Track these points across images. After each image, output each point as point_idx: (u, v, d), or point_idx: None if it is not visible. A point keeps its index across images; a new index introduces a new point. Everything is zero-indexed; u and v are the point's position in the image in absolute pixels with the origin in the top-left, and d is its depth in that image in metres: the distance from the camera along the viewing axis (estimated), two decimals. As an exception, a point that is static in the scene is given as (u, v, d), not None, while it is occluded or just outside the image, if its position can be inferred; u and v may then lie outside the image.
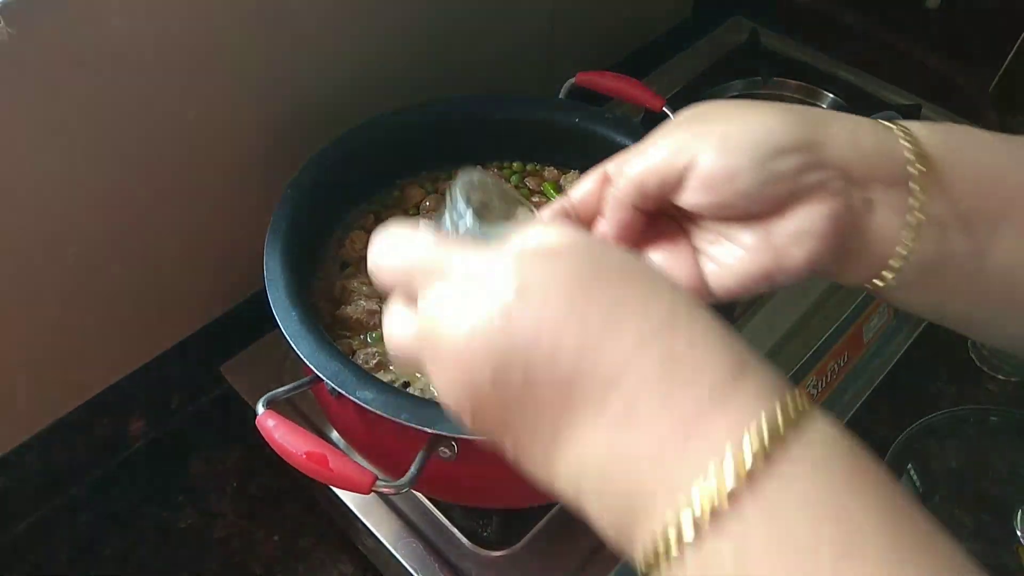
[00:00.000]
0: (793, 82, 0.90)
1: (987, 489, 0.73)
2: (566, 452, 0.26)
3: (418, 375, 0.52)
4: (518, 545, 0.57)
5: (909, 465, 0.73)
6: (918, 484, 0.73)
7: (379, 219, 0.62)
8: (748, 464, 0.22)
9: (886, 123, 0.36)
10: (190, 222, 0.65)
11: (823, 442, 0.24)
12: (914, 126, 0.36)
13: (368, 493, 0.42)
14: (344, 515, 0.61)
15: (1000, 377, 0.79)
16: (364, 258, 0.59)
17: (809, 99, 0.89)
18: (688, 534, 0.23)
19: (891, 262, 0.35)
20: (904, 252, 0.34)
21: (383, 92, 0.70)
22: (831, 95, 0.88)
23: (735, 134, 0.34)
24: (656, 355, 0.25)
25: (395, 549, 0.57)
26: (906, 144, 0.35)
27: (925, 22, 1.19)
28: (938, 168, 0.35)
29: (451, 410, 0.29)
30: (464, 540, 0.57)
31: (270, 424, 0.44)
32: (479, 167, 0.35)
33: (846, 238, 0.35)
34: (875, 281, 0.36)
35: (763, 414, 0.23)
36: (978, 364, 0.80)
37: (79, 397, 0.66)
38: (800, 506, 0.23)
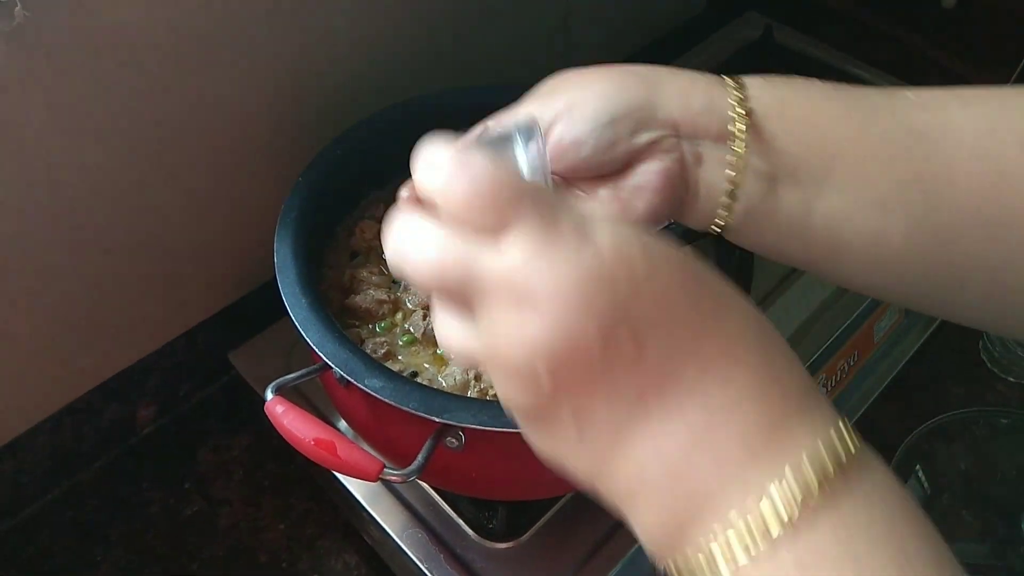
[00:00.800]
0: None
1: (995, 491, 0.73)
2: (639, 441, 0.25)
3: (426, 365, 0.52)
4: (524, 537, 0.57)
5: (917, 466, 0.73)
6: (926, 485, 0.72)
7: (389, 208, 0.62)
8: (818, 478, 0.23)
9: (723, 78, 0.40)
10: (201, 210, 0.65)
11: (881, 471, 0.25)
12: (750, 81, 0.40)
13: (375, 480, 0.42)
14: (350, 505, 0.62)
15: (1011, 379, 0.79)
16: (373, 248, 0.59)
17: (823, 96, 0.89)
18: (755, 542, 0.23)
19: (720, 211, 0.39)
20: (727, 201, 0.38)
21: (396, 82, 0.70)
22: (845, 93, 0.88)
23: (579, 104, 0.39)
24: (755, 363, 0.26)
25: (401, 540, 0.57)
26: (733, 102, 0.38)
27: (941, 21, 1.18)
28: (762, 125, 0.38)
29: (519, 367, 0.26)
30: (470, 532, 0.57)
31: (279, 410, 0.44)
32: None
33: (679, 189, 0.39)
34: (712, 227, 0.40)
35: (833, 434, 0.25)
36: (989, 366, 0.80)
37: (89, 383, 0.66)
38: (863, 524, 0.24)
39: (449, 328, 0.28)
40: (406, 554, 0.57)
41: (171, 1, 0.53)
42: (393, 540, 0.57)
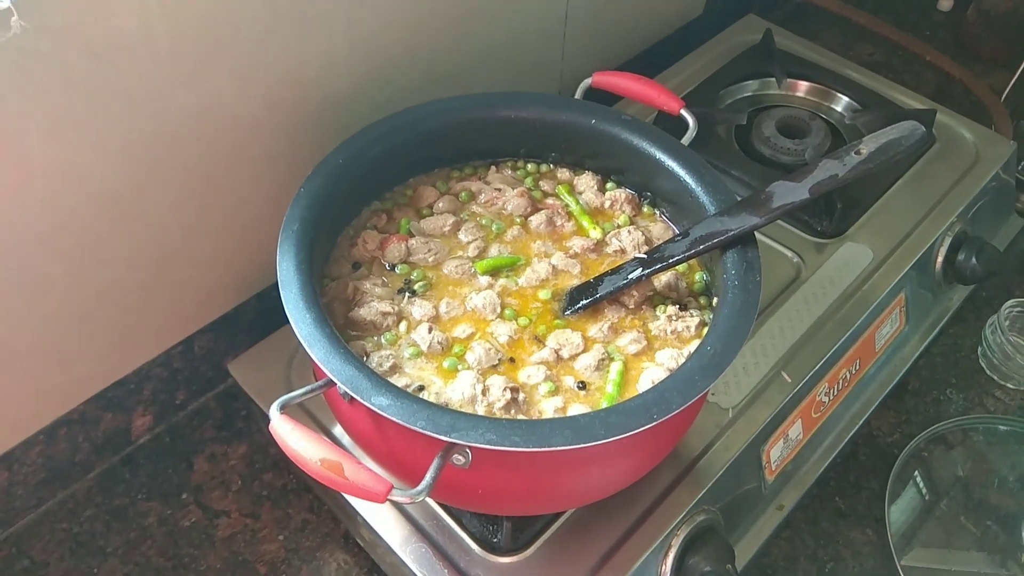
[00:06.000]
0: (807, 84, 0.89)
1: (994, 498, 0.73)
2: None
3: (433, 379, 0.52)
4: (528, 551, 0.56)
5: (916, 473, 0.73)
6: (925, 492, 0.73)
7: (391, 219, 0.62)
8: None
9: None
10: (199, 218, 0.64)
11: None
12: None
13: (383, 502, 0.42)
14: (351, 517, 0.61)
15: (1010, 387, 0.79)
16: (376, 258, 0.59)
17: (823, 101, 0.88)
18: None
19: None
20: None
21: (396, 90, 0.69)
22: (846, 98, 0.87)
23: None
24: None
25: (404, 553, 0.57)
26: None
27: (938, 25, 1.19)
28: None
29: None
30: (474, 546, 0.56)
31: (285, 429, 0.43)
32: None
33: None
34: None
35: None
36: (988, 373, 0.80)
37: (85, 393, 0.65)
38: None
39: None
40: (409, 568, 0.56)
41: (169, 9, 0.52)
42: (396, 554, 0.57)
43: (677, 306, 0.56)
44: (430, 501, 0.59)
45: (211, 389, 0.75)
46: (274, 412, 0.44)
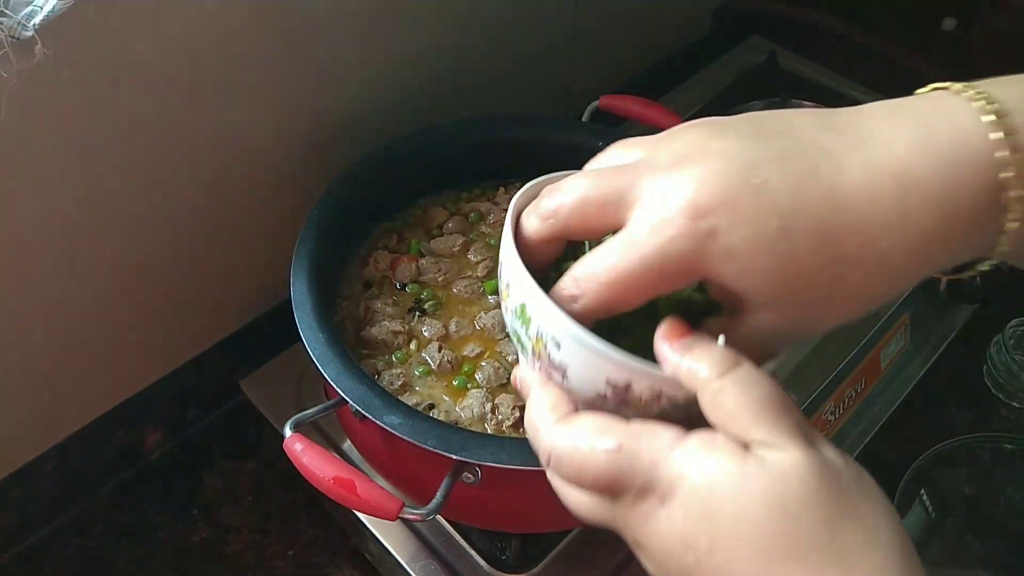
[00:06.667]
0: (811, 104, 0.90)
1: (1000, 516, 0.73)
2: None
3: (444, 397, 0.52)
4: (536, 569, 0.57)
5: (922, 491, 0.73)
6: (931, 510, 0.73)
7: (401, 239, 0.62)
8: None
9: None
10: (212, 238, 0.65)
11: None
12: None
13: (395, 520, 0.42)
14: (360, 534, 0.61)
15: (1015, 404, 0.79)
16: (387, 278, 0.59)
17: (827, 122, 0.89)
18: None
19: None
20: None
21: (406, 112, 0.70)
22: (849, 118, 0.88)
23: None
24: None
25: (413, 570, 0.57)
26: None
27: (942, 43, 1.19)
28: None
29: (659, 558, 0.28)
30: (483, 563, 0.57)
31: (298, 448, 0.44)
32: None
33: None
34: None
35: None
36: (993, 391, 0.80)
37: (97, 409, 0.66)
38: None
39: (582, 502, 0.30)
40: (418, 585, 0.57)
41: (187, 36, 0.53)
42: (405, 570, 0.57)
43: (684, 326, 0.57)
44: (439, 518, 0.59)
45: (221, 406, 0.75)
46: (287, 431, 0.45)
